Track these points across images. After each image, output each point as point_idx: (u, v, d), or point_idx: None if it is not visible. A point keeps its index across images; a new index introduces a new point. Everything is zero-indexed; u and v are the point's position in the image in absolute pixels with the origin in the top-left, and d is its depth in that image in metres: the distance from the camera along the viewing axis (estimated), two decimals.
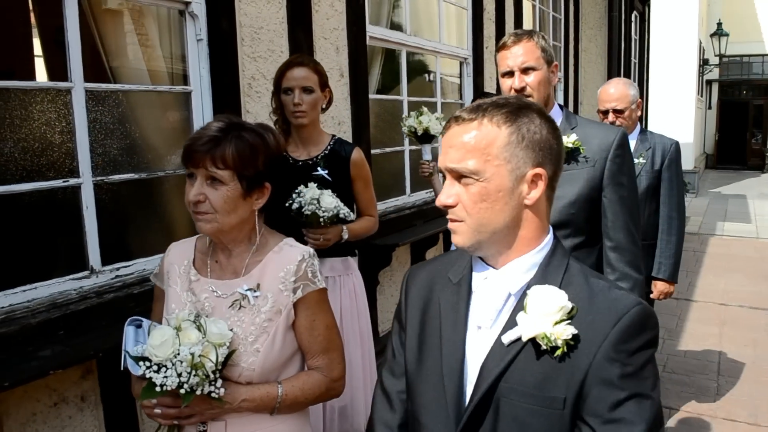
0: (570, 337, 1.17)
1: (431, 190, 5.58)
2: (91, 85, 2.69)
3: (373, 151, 4.47)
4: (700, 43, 18.54)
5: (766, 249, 9.79)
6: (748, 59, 23.27)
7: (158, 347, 1.52)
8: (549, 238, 1.32)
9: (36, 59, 4.29)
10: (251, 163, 1.64)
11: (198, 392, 1.52)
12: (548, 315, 1.18)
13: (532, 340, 1.20)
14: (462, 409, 1.28)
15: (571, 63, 9.41)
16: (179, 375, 1.49)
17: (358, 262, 3.12)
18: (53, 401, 2.57)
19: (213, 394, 1.55)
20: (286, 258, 1.72)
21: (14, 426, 2.44)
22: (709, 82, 23.04)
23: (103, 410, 2.74)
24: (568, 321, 1.18)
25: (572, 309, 1.20)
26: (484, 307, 1.31)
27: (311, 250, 1.78)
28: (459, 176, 1.25)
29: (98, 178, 2.72)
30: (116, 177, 2.82)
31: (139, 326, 1.74)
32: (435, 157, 3.78)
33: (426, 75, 5.86)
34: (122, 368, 1.70)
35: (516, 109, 1.26)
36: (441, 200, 1.28)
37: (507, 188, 1.23)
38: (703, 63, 19.48)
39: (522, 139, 1.23)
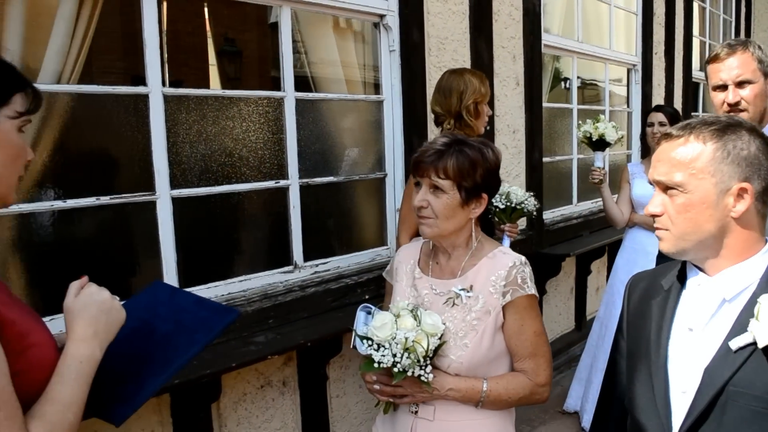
0: None
1: (598, 200, 5.47)
2: (300, 94, 2.92)
3: (543, 160, 4.46)
4: None
5: None
6: None
7: (379, 329, 1.71)
8: (766, 249, 1.35)
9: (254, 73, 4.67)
10: (470, 176, 1.80)
11: (409, 373, 1.68)
12: None
13: (764, 349, 1.22)
14: (669, 409, 1.34)
15: None
16: (394, 355, 1.67)
17: None
18: (260, 384, 2.80)
19: (422, 378, 1.70)
20: (499, 263, 1.85)
21: (228, 403, 2.69)
22: None
23: (300, 395, 2.95)
24: None
25: None
26: (695, 311, 1.36)
27: (523, 258, 1.89)
28: (665, 188, 1.35)
29: (303, 180, 2.94)
30: (318, 179, 3.03)
31: (369, 313, 1.92)
32: (605, 165, 3.73)
33: (593, 82, 5.75)
34: (351, 346, 1.92)
35: (724, 126, 1.32)
36: (649, 209, 1.39)
37: (711, 201, 1.30)
38: None
39: (727, 154, 1.29)
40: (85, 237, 2.46)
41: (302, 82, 3.06)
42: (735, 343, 1.26)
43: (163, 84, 2.42)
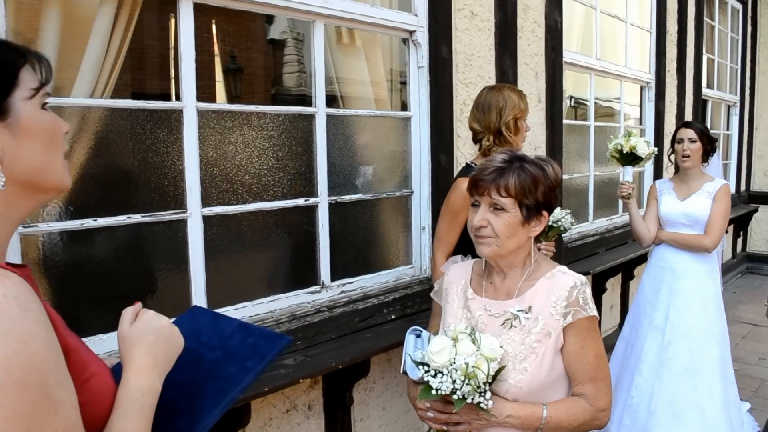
0: None
1: (613, 217, 5.44)
2: (332, 111, 2.87)
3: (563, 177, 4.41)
4: None
5: None
6: None
7: (436, 354, 1.62)
8: None
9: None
10: (531, 193, 1.73)
11: (468, 401, 1.59)
12: None
13: None
14: None
15: (747, 86, 8.85)
16: (453, 382, 1.58)
17: None
18: (286, 408, 2.72)
19: (482, 405, 1.61)
20: (559, 284, 1.79)
21: (254, 429, 2.61)
22: None
23: (324, 420, 2.87)
24: None
25: None
26: None
27: (583, 278, 1.83)
28: None
29: (332, 198, 2.88)
30: (346, 197, 2.97)
31: (418, 336, 1.85)
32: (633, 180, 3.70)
33: (608, 100, 5.73)
34: (402, 371, 1.84)
35: None
36: None
37: None
38: None
39: None
40: (113, 256, 2.38)
41: (330, 98, 3.00)
42: None
43: (197, 99, 2.36)
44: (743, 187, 8.93)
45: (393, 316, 3.09)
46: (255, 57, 7.18)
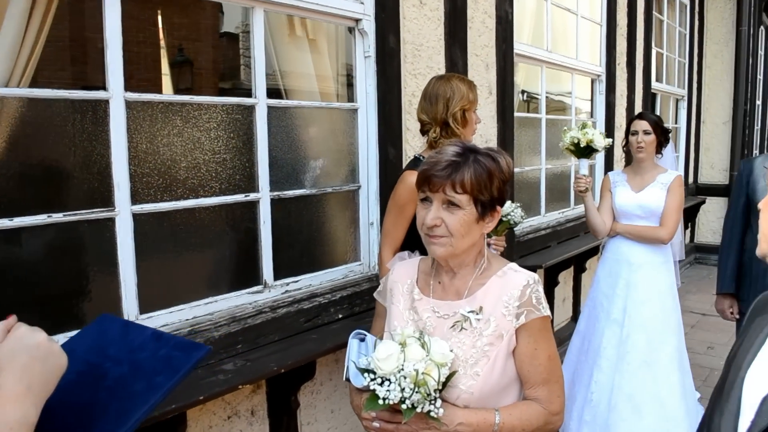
0: None
1: (565, 210, 5.43)
2: (273, 102, 2.73)
3: (514, 170, 4.36)
4: None
5: None
6: None
7: (384, 361, 1.52)
8: None
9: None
10: (487, 188, 1.64)
11: (418, 410, 1.50)
12: None
13: None
14: None
15: (695, 80, 9.00)
16: (402, 390, 1.48)
17: None
18: (227, 414, 2.59)
19: (432, 414, 1.52)
20: (511, 282, 1.71)
21: None
22: None
23: (269, 425, 2.75)
24: None
25: None
26: None
27: (536, 276, 1.75)
28: None
29: (274, 193, 2.75)
30: (290, 192, 2.84)
31: (362, 340, 1.74)
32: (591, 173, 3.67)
33: (560, 93, 5.72)
34: (345, 378, 1.72)
35: None
36: None
37: None
38: None
39: None
40: (34, 259, 2.21)
41: (273, 90, 2.87)
42: None
43: (125, 89, 2.20)
44: (691, 179, 9.10)
45: (340, 315, 2.98)
46: (204, 50, 6.96)
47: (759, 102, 12.18)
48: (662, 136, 3.66)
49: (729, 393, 1.24)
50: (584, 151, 3.56)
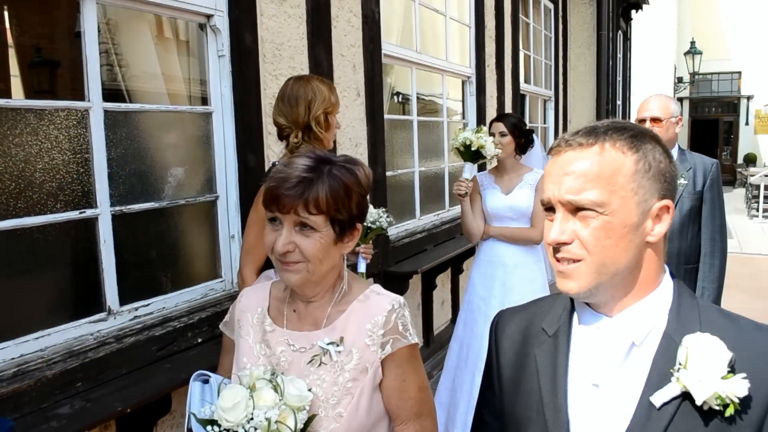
0: (747, 393, 1.00)
1: (440, 212, 5.40)
2: (111, 105, 2.43)
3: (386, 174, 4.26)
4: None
5: (753, 264, 9.79)
6: (717, 76, 23.72)
7: (229, 410, 1.29)
8: (667, 277, 1.16)
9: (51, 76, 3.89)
10: (345, 206, 1.42)
11: None
12: (714, 369, 1.01)
13: (688, 398, 1.03)
14: None
15: (561, 81, 9.35)
16: None
17: None
18: None
19: None
20: (374, 308, 1.50)
21: None
22: (680, 99, 23.42)
23: None
24: (742, 375, 1.01)
25: (731, 358, 1.03)
26: (597, 361, 1.13)
27: (401, 299, 1.55)
28: (575, 209, 1.08)
29: (116, 208, 2.45)
30: (135, 206, 2.55)
31: (206, 382, 1.51)
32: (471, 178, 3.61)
33: (423, 94, 5.69)
34: (186, 430, 1.49)
35: (638, 133, 1.12)
36: (553, 237, 1.10)
37: (632, 223, 1.08)
38: (678, 81, 19.77)
39: (649, 168, 1.09)
40: None
41: (116, 93, 2.57)
42: (659, 398, 1.04)
43: None
44: None
45: (200, 340, 2.72)
46: (61, 50, 6.37)
47: (619, 102, 12.95)
48: (521, 137, 3.67)
49: (547, 424, 1.16)
50: (473, 155, 3.50)
